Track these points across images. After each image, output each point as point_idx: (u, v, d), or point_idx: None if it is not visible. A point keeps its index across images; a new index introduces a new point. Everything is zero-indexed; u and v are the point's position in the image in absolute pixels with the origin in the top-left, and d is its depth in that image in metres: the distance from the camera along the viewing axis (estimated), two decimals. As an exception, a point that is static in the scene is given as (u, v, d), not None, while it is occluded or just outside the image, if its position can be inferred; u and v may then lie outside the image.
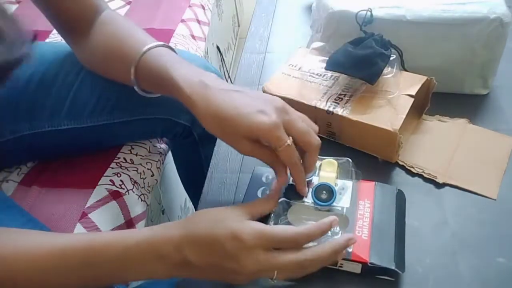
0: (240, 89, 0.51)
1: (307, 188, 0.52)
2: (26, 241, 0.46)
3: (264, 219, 0.49)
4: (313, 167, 0.51)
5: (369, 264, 0.46)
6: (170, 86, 0.52)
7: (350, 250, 0.47)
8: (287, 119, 0.48)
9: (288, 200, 0.52)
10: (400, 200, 0.54)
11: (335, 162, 0.55)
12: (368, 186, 0.54)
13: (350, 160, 0.55)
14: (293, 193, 0.52)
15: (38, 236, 0.47)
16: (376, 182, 0.55)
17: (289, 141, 0.47)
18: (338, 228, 0.49)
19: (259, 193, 0.55)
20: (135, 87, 0.60)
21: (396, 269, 0.46)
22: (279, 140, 0.47)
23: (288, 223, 0.50)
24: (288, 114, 0.49)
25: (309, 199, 0.52)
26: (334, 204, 0.51)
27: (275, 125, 0.46)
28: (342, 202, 0.51)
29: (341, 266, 0.48)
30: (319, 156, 0.54)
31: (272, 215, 0.50)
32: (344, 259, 0.47)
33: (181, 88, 0.50)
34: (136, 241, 0.44)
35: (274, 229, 0.44)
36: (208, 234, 0.43)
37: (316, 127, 0.52)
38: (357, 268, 0.48)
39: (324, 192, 0.51)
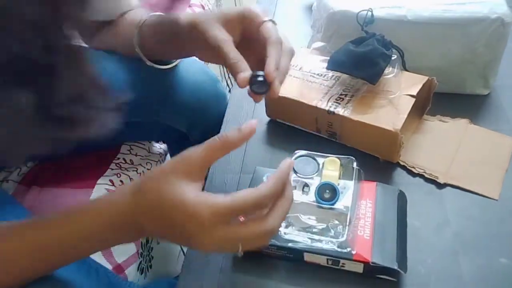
0: None
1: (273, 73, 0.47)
2: None
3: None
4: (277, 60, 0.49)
5: (371, 264, 0.46)
6: (174, 25, 0.56)
7: (353, 251, 0.47)
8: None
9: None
10: (402, 200, 0.54)
11: (338, 161, 0.54)
12: (370, 186, 0.54)
13: (353, 158, 0.55)
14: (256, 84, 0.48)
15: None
16: (378, 183, 0.55)
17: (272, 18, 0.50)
18: (340, 227, 0.49)
19: None
20: (141, 55, 0.62)
21: (398, 269, 0.46)
22: (260, 14, 0.50)
23: (289, 222, 0.50)
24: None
25: (310, 197, 0.52)
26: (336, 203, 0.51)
27: (253, 7, 0.51)
28: (344, 201, 0.51)
29: (343, 266, 0.48)
30: (322, 154, 0.54)
31: None
32: (346, 258, 0.47)
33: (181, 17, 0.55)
34: (85, 211, 0.43)
35: (233, 201, 0.40)
36: (164, 214, 0.40)
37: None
38: (359, 268, 0.48)
39: (327, 191, 0.51)
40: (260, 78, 0.47)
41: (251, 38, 0.52)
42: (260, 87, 0.48)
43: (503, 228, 0.53)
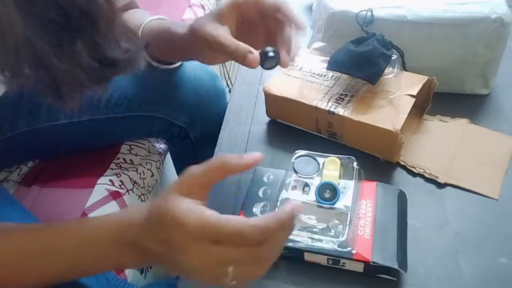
0: None
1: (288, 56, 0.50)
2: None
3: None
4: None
5: (372, 263, 0.46)
6: (174, 30, 0.58)
7: (353, 251, 0.47)
8: None
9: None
10: (402, 200, 0.54)
11: (338, 160, 0.54)
12: (370, 186, 0.54)
13: (353, 158, 0.55)
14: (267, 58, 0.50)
15: (9, 224, 0.46)
16: (378, 182, 0.55)
17: None
18: (341, 226, 0.49)
19: (260, 193, 0.55)
20: (145, 55, 0.63)
21: (398, 269, 0.46)
22: None
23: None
24: None
25: (310, 197, 0.52)
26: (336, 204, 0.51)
27: None
28: (344, 200, 0.51)
29: (343, 265, 0.48)
30: (323, 154, 0.54)
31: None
32: (346, 258, 0.47)
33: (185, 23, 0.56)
34: (97, 227, 0.43)
35: (227, 220, 0.37)
36: (159, 227, 0.39)
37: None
38: (359, 267, 0.48)
39: (328, 191, 0.51)
40: (271, 54, 0.49)
41: (253, 21, 0.54)
42: (272, 63, 0.49)
43: (503, 228, 0.53)
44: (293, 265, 0.50)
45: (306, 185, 0.53)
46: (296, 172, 0.54)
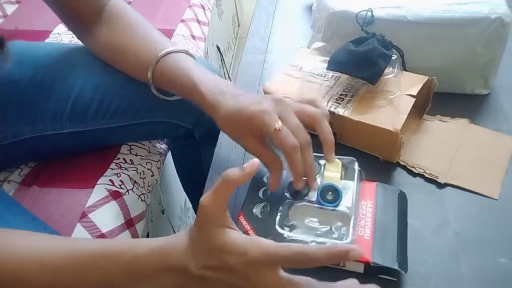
0: (249, 93, 0.57)
1: (302, 183, 0.51)
2: (36, 242, 0.45)
3: (271, 220, 0.49)
4: (301, 164, 0.50)
5: (372, 264, 0.46)
6: (192, 91, 0.58)
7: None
8: (280, 110, 0.51)
9: (292, 200, 0.52)
10: (402, 200, 0.54)
11: (339, 162, 0.54)
12: (370, 187, 0.54)
13: (354, 159, 0.55)
14: (295, 191, 0.52)
15: (47, 238, 0.47)
16: (378, 183, 0.55)
17: (278, 124, 0.49)
18: (344, 228, 0.49)
19: (260, 194, 0.54)
20: (152, 89, 0.63)
21: (399, 269, 0.46)
22: (268, 124, 0.50)
23: (292, 225, 0.50)
24: (283, 107, 0.52)
25: (312, 198, 0.52)
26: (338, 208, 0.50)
27: (264, 110, 0.50)
28: (344, 201, 0.51)
29: (343, 266, 0.48)
30: (323, 155, 0.54)
31: (279, 216, 0.50)
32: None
33: (204, 95, 0.56)
34: (147, 250, 0.43)
35: (279, 247, 0.41)
36: (214, 248, 0.42)
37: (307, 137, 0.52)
38: (359, 268, 0.48)
39: (330, 192, 0.51)
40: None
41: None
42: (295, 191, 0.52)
43: (503, 228, 0.53)
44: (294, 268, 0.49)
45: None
46: None
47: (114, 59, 0.68)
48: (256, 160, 0.43)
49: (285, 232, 0.49)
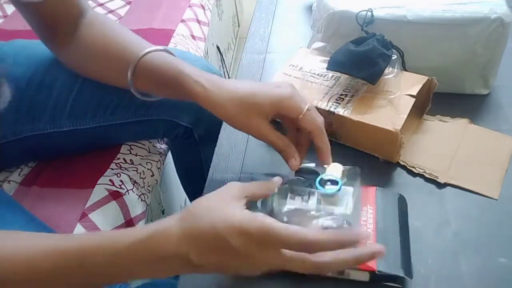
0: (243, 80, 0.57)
1: (330, 158, 0.53)
2: (25, 240, 0.45)
3: (253, 203, 0.49)
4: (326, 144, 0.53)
5: (377, 272, 0.45)
6: (179, 82, 0.54)
7: None
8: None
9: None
10: (402, 204, 0.53)
11: (340, 166, 0.53)
12: (370, 192, 0.53)
13: (358, 168, 0.53)
14: (295, 187, 0.51)
15: (35, 237, 0.47)
16: (377, 187, 0.54)
17: (308, 105, 0.51)
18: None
19: (258, 204, 0.53)
20: (132, 89, 0.61)
21: (405, 276, 0.45)
22: (299, 106, 0.51)
23: (272, 210, 0.49)
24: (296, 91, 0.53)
25: (311, 206, 0.50)
26: (338, 208, 0.49)
27: (293, 93, 0.52)
28: (344, 208, 0.50)
29: (348, 276, 0.47)
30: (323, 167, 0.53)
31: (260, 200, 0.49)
32: (351, 268, 0.46)
33: (195, 81, 0.53)
34: (129, 244, 0.42)
35: (282, 229, 0.41)
36: (210, 231, 0.41)
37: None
38: (365, 277, 0.47)
39: (329, 183, 0.50)
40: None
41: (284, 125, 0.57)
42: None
43: (503, 228, 0.53)
44: (297, 278, 0.47)
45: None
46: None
47: (93, 67, 0.65)
48: (278, 178, 0.47)
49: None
